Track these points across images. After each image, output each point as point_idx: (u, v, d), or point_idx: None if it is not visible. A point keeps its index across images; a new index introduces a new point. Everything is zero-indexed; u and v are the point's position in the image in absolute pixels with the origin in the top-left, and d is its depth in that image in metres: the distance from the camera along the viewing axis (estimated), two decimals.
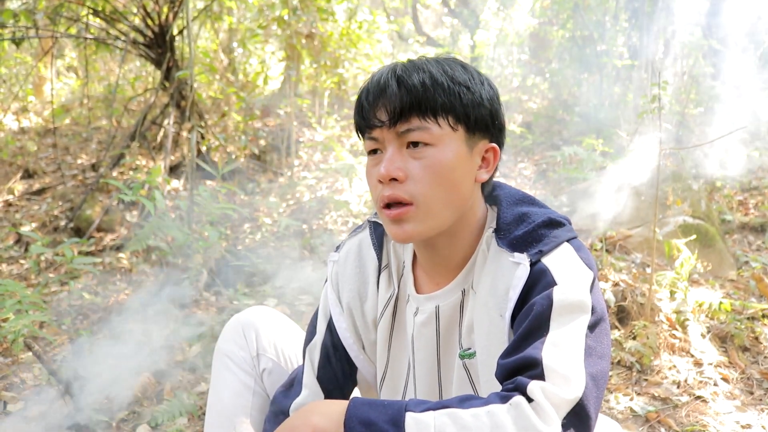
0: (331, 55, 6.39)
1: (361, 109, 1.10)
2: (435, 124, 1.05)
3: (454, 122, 1.07)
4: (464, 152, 1.08)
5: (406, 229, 1.08)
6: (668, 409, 2.28)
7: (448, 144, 1.06)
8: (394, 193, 1.06)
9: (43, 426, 2.21)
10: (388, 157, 1.06)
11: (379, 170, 1.06)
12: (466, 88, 1.07)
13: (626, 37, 8.01)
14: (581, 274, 1.04)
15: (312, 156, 6.29)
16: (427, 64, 1.08)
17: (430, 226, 1.09)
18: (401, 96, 1.05)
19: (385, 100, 1.06)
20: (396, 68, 1.08)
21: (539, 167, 6.22)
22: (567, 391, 0.91)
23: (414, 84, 1.05)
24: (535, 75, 9.71)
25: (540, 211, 1.13)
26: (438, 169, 1.06)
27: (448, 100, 1.05)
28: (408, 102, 1.04)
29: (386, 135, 1.07)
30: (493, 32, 10.55)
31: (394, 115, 1.05)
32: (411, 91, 1.04)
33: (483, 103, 1.09)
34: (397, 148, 1.07)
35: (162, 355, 2.67)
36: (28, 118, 7.29)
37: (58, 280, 3.70)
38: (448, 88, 1.05)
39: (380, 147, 1.09)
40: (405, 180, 1.06)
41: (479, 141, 1.11)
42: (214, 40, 7.52)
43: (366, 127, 1.10)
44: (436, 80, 1.05)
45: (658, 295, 2.84)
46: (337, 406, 0.97)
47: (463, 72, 1.09)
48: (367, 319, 1.28)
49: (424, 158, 1.06)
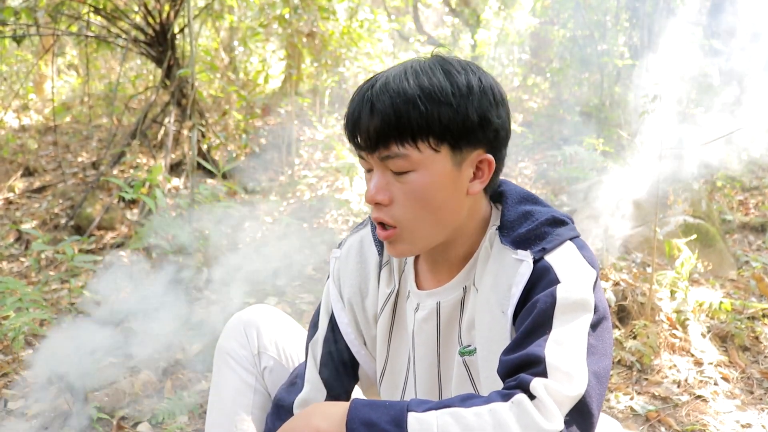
0: (331, 53, 6.40)
1: (347, 132, 1.09)
2: (414, 149, 1.02)
3: (436, 143, 1.03)
4: (449, 171, 1.05)
5: (396, 248, 1.10)
6: (668, 409, 2.28)
7: (430, 167, 1.04)
8: (380, 216, 1.08)
9: (44, 424, 2.21)
10: (374, 182, 1.07)
11: (367, 193, 1.08)
12: (447, 104, 1.01)
13: (627, 37, 8.01)
14: (584, 273, 1.04)
15: (312, 155, 6.29)
16: (404, 82, 1.02)
17: (419, 245, 1.11)
18: (375, 124, 1.02)
19: (360, 129, 1.04)
20: (372, 88, 1.04)
21: (540, 166, 6.21)
22: (570, 388, 0.91)
23: (386, 111, 1.00)
24: (536, 74, 9.72)
25: (543, 209, 1.13)
26: (420, 194, 1.05)
27: (425, 122, 1.00)
28: (382, 130, 1.02)
29: (371, 158, 1.07)
30: (494, 31, 10.55)
31: (372, 143, 1.04)
32: (384, 118, 1.01)
33: (468, 116, 1.02)
34: (382, 172, 1.07)
35: (162, 353, 2.68)
36: (29, 115, 7.29)
37: (59, 278, 3.70)
38: (425, 110, 1.00)
39: (370, 167, 1.09)
40: (390, 204, 1.07)
41: (470, 153, 1.06)
42: (215, 39, 7.52)
43: (354, 148, 1.10)
44: (412, 102, 1.00)
45: (658, 295, 2.84)
46: (338, 408, 0.97)
47: (446, 82, 1.02)
48: (367, 315, 1.28)
49: (406, 183, 1.05)
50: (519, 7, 10.39)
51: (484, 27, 10.64)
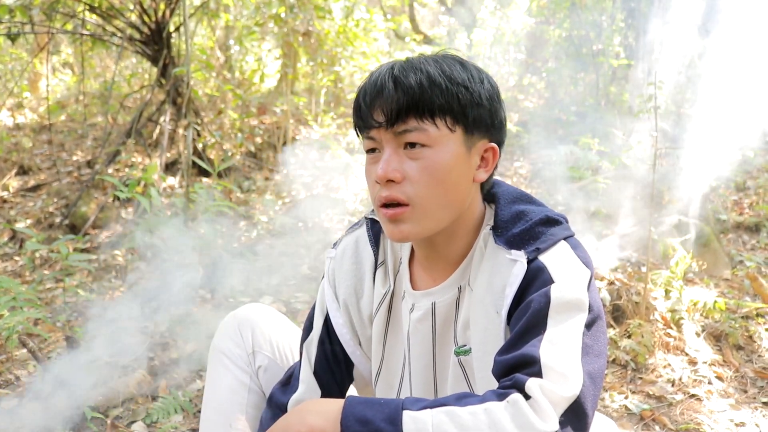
0: (327, 53, 6.38)
1: (359, 110, 1.09)
2: (432, 126, 1.05)
3: (452, 123, 1.06)
4: (462, 153, 1.08)
5: (402, 229, 1.08)
6: (663, 408, 2.29)
7: (445, 145, 1.06)
8: (391, 194, 1.06)
9: (38, 423, 2.20)
10: (385, 158, 1.06)
11: (377, 171, 1.06)
12: (465, 88, 1.06)
13: (622, 37, 8.02)
14: (578, 272, 1.05)
15: (308, 154, 6.28)
16: (424, 64, 1.06)
17: (427, 226, 1.09)
18: (398, 97, 1.04)
19: (382, 102, 1.05)
20: (393, 68, 1.07)
21: (535, 166, 6.22)
22: (564, 388, 0.91)
23: (411, 85, 1.03)
24: (532, 74, 9.72)
25: (537, 209, 1.13)
26: (435, 170, 1.05)
27: (445, 101, 1.04)
28: (405, 103, 1.04)
29: (384, 135, 1.07)
30: (490, 31, 10.55)
31: (391, 116, 1.05)
32: (408, 92, 1.03)
33: (482, 102, 1.08)
34: (394, 149, 1.07)
35: (157, 352, 2.67)
36: (24, 114, 7.26)
37: (53, 277, 3.68)
38: (446, 89, 1.04)
39: (378, 147, 1.09)
40: (402, 181, 1.06)
41: (478, 141, 1.10)
42: (211, 38, 7.50)
43: (364, 127, 1.09)
44: (434, 81, 1.04)
45: (653, 294, 2.85)
46: (333, 405, 0.96)
47: (462, 70, 1.07)
48: (363, 315, 1.28)
49: (421, 159, 1.05)
50: (515, 7, 10.39)
51: (480, 26, 10.65)
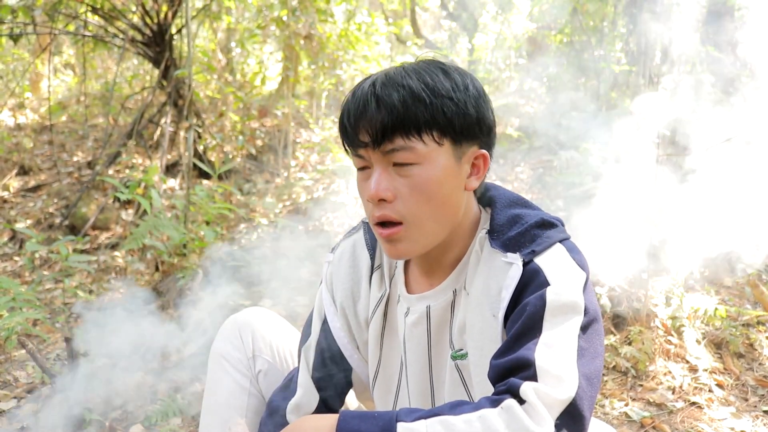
0: (329, 56, 6.38)
1: (345, 130, 1.08)
2: (420, 142, 1.03)
3: (439, 137, 1.04)
4: (452, 165, 1.07)
5: (399, 248, 1.08)
6: (663, 415, 2.28)
7: (434, 160, 1.05)
8: (384, 213, 1.06)
9: (36, 424, 2.19)
10: (375, 177, 1.06)
11: (369, 190, 1.06)
12: (449, 99, 1.04)
13: (624, 43, 8.03)
14: (574, 275, 1.04)
15: (309, 157, 6.28)
16: (405, 78, 1.04)
17: (422, 243, 1.09)
18: (382, 117, 1.02)
19: (366, 122, 1.04)
20: (375, 84, 1.05)
21: (536, 171, 6.22)
22: (560, 391, 0.91)
23: (393, 103, 1.02)
24: (533, 79, 9.72)
25: (533, 212, 1.13)
26: (425, 187, 1.05)
27: (430, 116, 1.02)
28: (390, 122, 1.02)
29: (372, 154, 1.06)
30: (492, 36, 10.56)
31: (377, 136, 1.03)
32: (392, 111, 1.02)
33: (468, 111, 1.06)
34: (383, 168, 1.06)
35: (156, 355, 2.66)
36: (25, 114, 7.26)
37: (53, 278, 3.68)
38: (430, 104, 1.02)
39: (367, 165, 1.08)
40: (394, 200, 1.06)
41: (468, 149, 1.09)
42: (213, 40, 7.51)
43: (351, 146, 1.08)
44: (417, 96, 1.02)
45: (653, 301, 2.84)
46: (326, 421, 0.96)
47: (445, 79, 1.05)
48: (359, 319, 1.28)
49: (410, 177, 1.05)
50: (516, 12, 10.41)
51: (482, 31, 10.66)
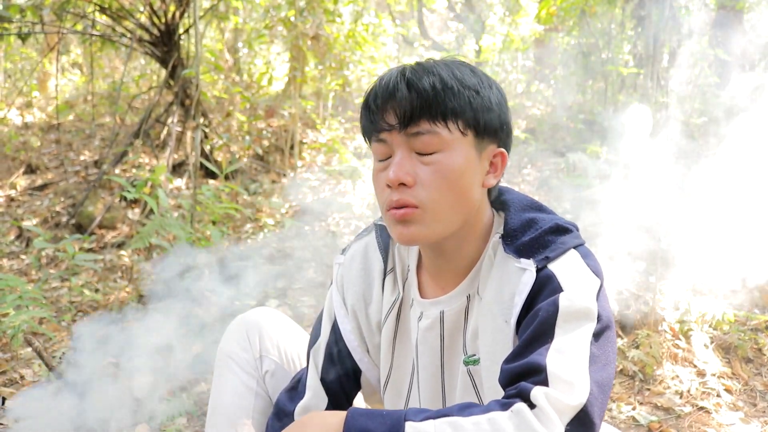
0: (336, 57, 6.38)
1: (369, 112, 1.07)
2: (445, 129, 1.04)
3: (464, 127, 1.05)
4: (473, 157, 1.07)
5: (411, 230, 1.06)
6: (671, 419, 2.27)
7: (457, 149, 1.05)
8: (402, 197, 1.05)
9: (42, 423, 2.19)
10: (397, 161, 1.05)
11: (388, 174, 1.04)
12: (476, 92, 1.05)
13: (632, 46, 8.00)
14: (588, 281, 1.03)
15: (315, 158, 6.28)
16: (436, 67, 1.05)
17: (436, 230, 1.07)
18: (411, 99, 1.02)
19: (395, 104, 1.04)
20: (405, 71, 1.06)
21: (543, 174, 6.20)
22: (571, 397, 0.90)
23: (424, 87, 1.02)
24: (540, 81, 9.71)
25: (547, 217, 1.12)
26: (447, 174, 1.04)
27: (458, 104, 1.03)
28: (418, 105, 1.02)
29: (395, 138, 1.05)
30: (499, 38, 10.55)
31: (404, 118, 1.03)
32: (421, 94, 1.02)
33: (492, 107, 1.07)
34: (406, 152, 1.05)
35: (162, 354, 2.66)
36: (32, 113, 7.29)
37: (59, 276, 3.68)
38: (458, 92, 1.03)
39: (389, 151, 1.07)
40: (414, 185, 1.04)
41: (488, 146, 1.09)
42: (220, 40, 7.53)
43: (374, 130, 1.08)
44: (447, 84, 1.03)
45: (661, 304, 2.83)
46: (334, 418, 0.96)
47: (472, 75, 1.07)
48: (371, 322, 1.27)
49: (433, 163, 1.04)
50: (524, 14, 10.39)
51: (489, 33, 10.65)
